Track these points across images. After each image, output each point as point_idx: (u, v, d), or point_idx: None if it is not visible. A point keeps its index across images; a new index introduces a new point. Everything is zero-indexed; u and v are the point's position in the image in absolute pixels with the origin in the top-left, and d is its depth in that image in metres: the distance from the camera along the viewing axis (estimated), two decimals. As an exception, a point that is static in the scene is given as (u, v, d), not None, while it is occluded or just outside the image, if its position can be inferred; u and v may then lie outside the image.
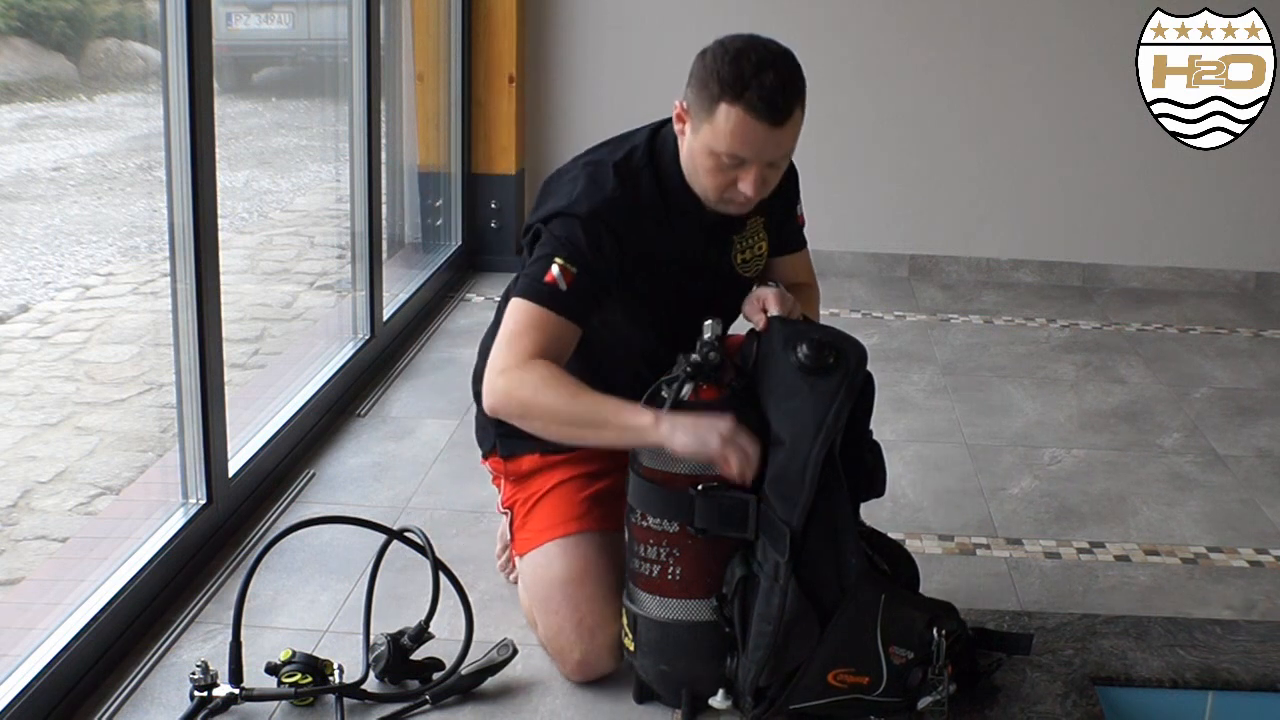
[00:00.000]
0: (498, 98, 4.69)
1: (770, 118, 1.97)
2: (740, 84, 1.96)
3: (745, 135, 1.98)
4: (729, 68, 1.98)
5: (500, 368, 2.03)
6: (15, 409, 3.54)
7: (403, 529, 2.19)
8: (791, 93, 1.99)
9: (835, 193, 4.83)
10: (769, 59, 1.99)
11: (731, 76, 1.97)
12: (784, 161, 2.08)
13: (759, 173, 2.02)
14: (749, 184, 2.02)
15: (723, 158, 2.01)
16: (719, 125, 1.98)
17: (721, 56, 2.00)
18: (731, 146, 1.99)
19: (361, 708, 2.07)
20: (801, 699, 1.98)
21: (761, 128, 1.97)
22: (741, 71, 1.97)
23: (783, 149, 2.04)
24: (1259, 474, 3.18)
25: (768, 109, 1.96)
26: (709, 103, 1.99)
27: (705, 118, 2.00)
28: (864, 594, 1.95)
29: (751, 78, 1.96)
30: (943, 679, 2.00)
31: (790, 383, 1.97)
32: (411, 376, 3.67)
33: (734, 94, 1.96)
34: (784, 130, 1.99)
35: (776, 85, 1.97)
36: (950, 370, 3.89)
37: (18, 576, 2.81)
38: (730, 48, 2.01)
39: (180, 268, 2.51)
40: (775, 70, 1.98)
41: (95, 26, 4.82)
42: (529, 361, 2.00)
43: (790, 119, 1.99)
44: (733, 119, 1.97)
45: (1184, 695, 2.24)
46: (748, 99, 1.96)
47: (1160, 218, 4.88)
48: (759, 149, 2.00)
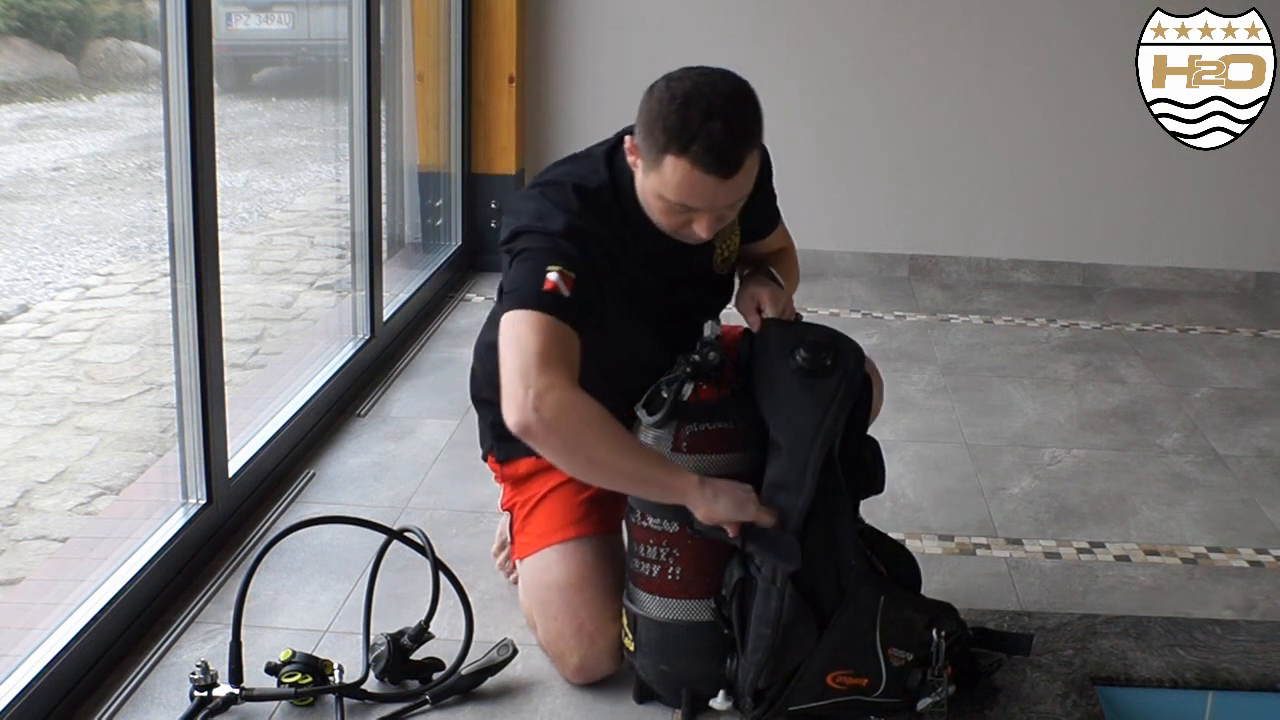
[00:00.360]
0: (498, 98, 4.69)
1: (719, 171, 1.86)
2: (686, 136, 1.84)
3: (693, 188, 1.88)
4: (675, 117, 1.85)
5: (546, 384, 1.84)
6: (15, 409, 3.54)
7: (403, 529, 2.19)
8: (741, 142, 1.87)
9: (835, 193, 4.83)
10: (717, 105, 1.85)
11: (677, 127, 1.84)
12: (740, 202, 1.97)
13: (712, 219, 1.94)
14: (703, 228, 1.94)
15: (673, 204, 1.92)
16: (666, 176, 1.89)
17: (668, 103, 1.86)
18: (680, 198, 1.90)
19: (361, 708, 2.07)
20: (800, 700, 1.98)
21: (710, 180, 1.87)
22: (688, 121, 1.84)
23: (736, 195, 1.93)
24: (1259, 474, 3.18)
25: (715, 163, 1.85)
26: (656, 151, 1.88)
27: (653, 165, 1.90)
28: (863, 596, 1.95)
29: (699, 128, 1.83)
30: (942, 680, 2.00)
31: (788, 386, 1.98)
32: (411, 376, 3.67)
33: (680, 146, 1.85)
34: (735, 180, 1.89)
35: (724, 136, 1.84)
36: (950, 370, 3.89)
37: (18, 576, 2.81)
38: (677, 92, 1.87)
39: (180, 268, 2.51)
40: (724, 119, 1.84)
41: (95, 26, 4.82)
42: (574, 386, 1.87)
43: (741, 169, 1.88)
44: (680, 172, 1.86)
45: (1184, 695, 2.24)
46: (694, 152, 1.84)
47: (1160, 218, 4.88)
48: (710, 200, 1.90)
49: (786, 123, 4.77)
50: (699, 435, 1.98)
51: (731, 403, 2.01)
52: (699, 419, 1.98)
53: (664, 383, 2.01)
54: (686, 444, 1.98)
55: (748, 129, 1.89)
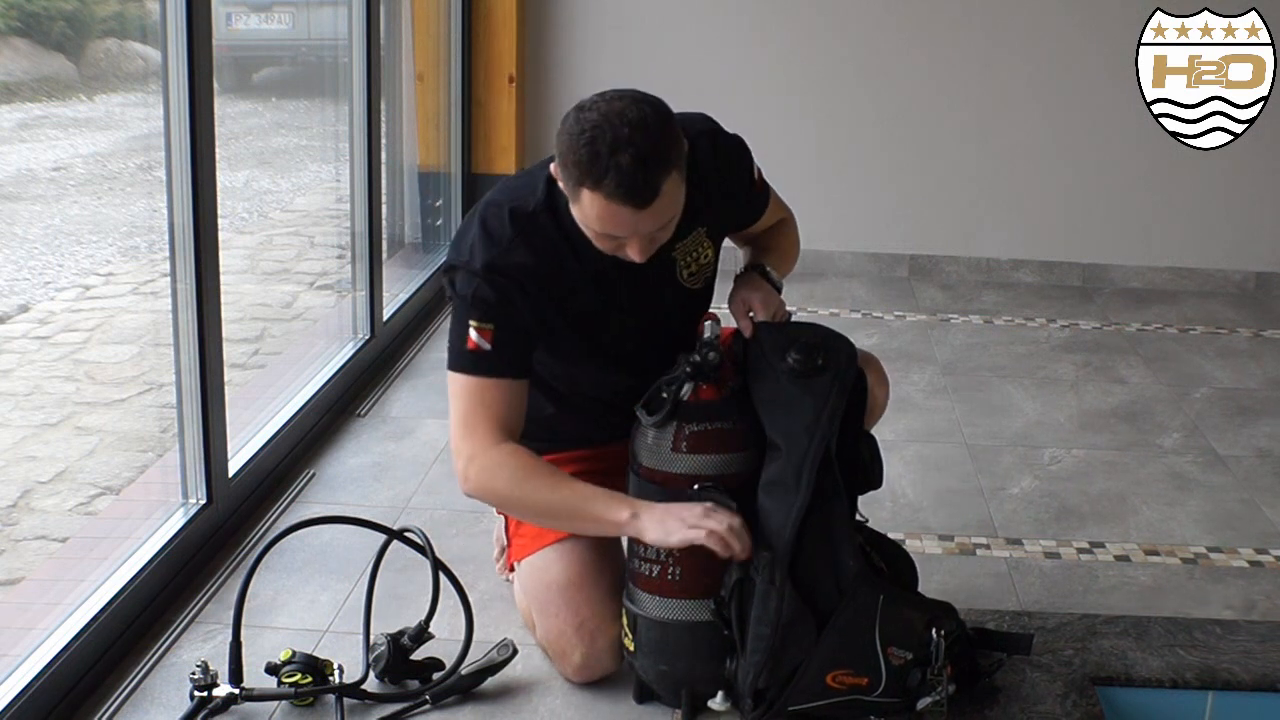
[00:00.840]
0: (498, 98, 4.69)
1: (634, 202, 1.84)
2: (597, 171, 1.82)
3: (613, 219, 1.87)
4: (584, 151, 1.83)
5: (468, 455, 2.00)
6: (15, 409, 3.54)
7: (403, 529, 2.19)
8: (654, 168, 1.83)
9: (835, 193, 4.83)
10: (625, 137, 1.82)
11: (587, 161, 1.83)
12: (671, 222, 1.94)
13: (642, 243, 1.92)
14: (635, 252, 1.93)
15: (599, 233, 1.92)
16: (585, 209, 1.88)
17: (577, 137, 1.84)
18: (603, 229, 1.89)
19: (361, 708, 2.07)
20: (800, 700, 1.98)
21: (627, 211, 1.85)
22: (596, 155, 1.82)
23: (661, 219, 1.90)
24: (1259, 474, 3.18)
25: (628, 194, 1.83)
26: (572, 184, 1.88)
27: (573, 197, 1.90)
28: (862, 595, 1.95)
29: (608, 161, 1.81)
30: (942, 679, 2.00)
31: (782, 388, 1.98)
32: (411, 376, 3.67)
33: (592, 182, 1.83)
34: (654, 207, 1.86)
35: (634, 168, 1.81)
36: (950, 370, 3.89)
37: (18, 576, 2.81)
38: (585, 125, 1.84)
39: (180, 268, 2.51)
40: (632, 149, 1.81)
41: (95, 26, 4.82)
42: (494, 447, 1.99)
43: (659, 195, 1.85)
44: (597, 205, 1.86)
45: (1184, 695, 2.24)
46: (606, 186, 1.82)
47: (1160, 218, 4.88)
48: (632, 228, 1.88)
49: (787, 123, 4.79)
50: (699, 435, 1.98)
51: (732, 403, 2.01)
52: (699, 419, 1.98)
53: (664, 383, 2.01)
54: (686, 444, 1.98)
55: (659, 155, 1.84)
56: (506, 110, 4.70)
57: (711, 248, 2.17)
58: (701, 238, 2.14)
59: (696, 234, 2.13)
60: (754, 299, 2.11)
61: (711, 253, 2.17)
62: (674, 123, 1.90)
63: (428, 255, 4.61)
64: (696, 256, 2.14)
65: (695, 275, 2.15)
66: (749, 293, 2.13)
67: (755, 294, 2.12)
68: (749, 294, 2.13)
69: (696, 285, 2.16)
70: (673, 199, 1.90)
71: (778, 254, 2.26)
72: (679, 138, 1.90)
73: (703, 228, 2.13)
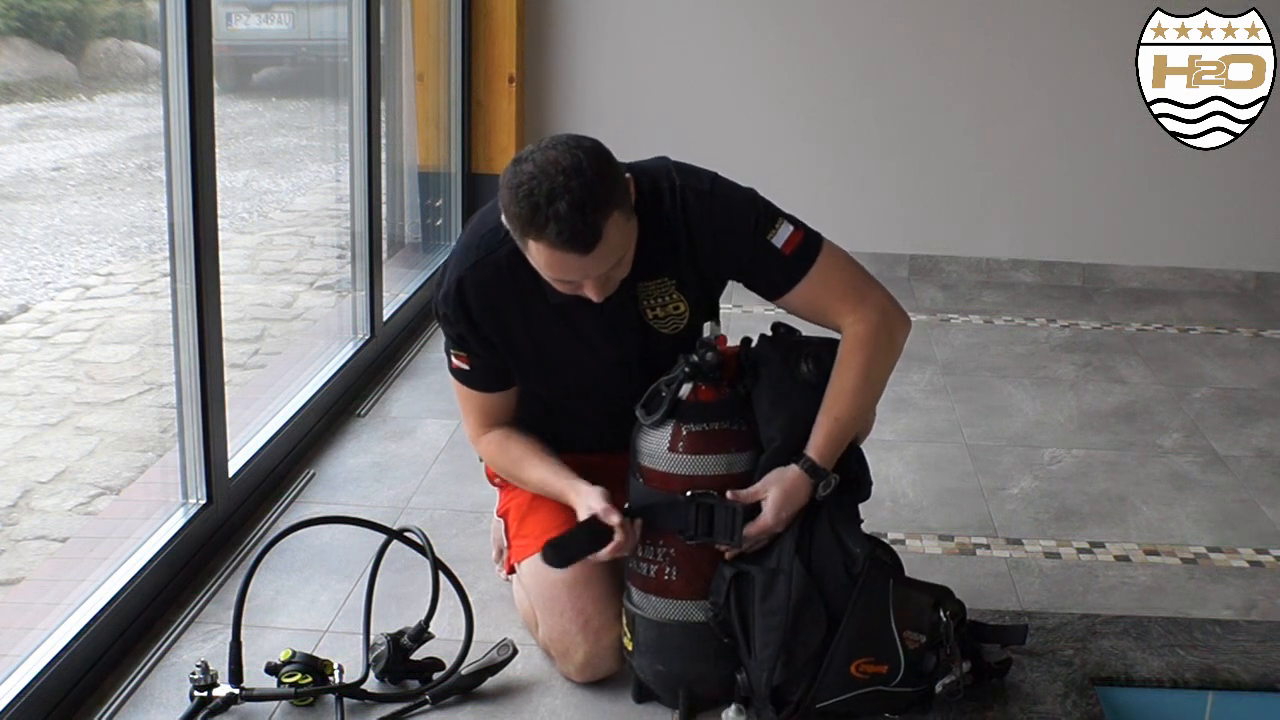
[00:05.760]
0: (498, 98, 4.69)
1: (578, 249, 1.85)
2: (538, 222, 1.84)
3: (561, 265, 1.89)
4: (523, 205, 1.85)
5: (470, 440, 2.29)
6: (15, 409, 3.54)
7: (403, 529, 2.19)
8: (593, 213, 1.84)
9: (835, 192, 4.83)
10: (561, 186, 1.83)
11: (527, 214, 1.85)
12: (626, 258, 1.94)
13: (597, 283, 1.93)
14: (592, 293, 1.94)
15: (554, 278, 1.94)
16: (535, 257, 1.91)
17: (515, 190, 1.86)
18: (555, 275, 1.92)
19: (361, 708, 2.07)
20: (827, 695, 1.98)
21: (574, 257, 1.87)
22: (536, 207, 1.84)
23: (610, 260, 1.91)
24: (1259, 474, 3.18)
25: (570, 241, 1.84)
26: (518, 235, 1.91)
27: (522, 246, 1.93)
28: (874, 580, 1.96)
29: (547, 211, 1.83)
30: (956, 656, 2.01)
31: (798, 395, 2.02)
32: (411, 376, 3.67)
33: (534, 232, 1.86)
34: (600, 250, 1.87)
35: (573, 215, 1.82)
36: (950, 370, 3.89)
37: (18, 576, 2.81)
38: (522, 177, 1.87)
39: (180, 268, 2.51)
40: (569, 197, 1.82)
41: (95, 26, 4.82)
42: (481, 437, 2.24)
43: (602, 238, 1.86)
44: (544, 254, 1.88)
45: (1184, 695, 2.24)
46: (548, 236, 1.85)
47: (1160, 218, 4.88)
48: (583, 272, 1.91)
49: (787, 122, 4.80)
50: (697, 435, 1.98)
51: (731, 403, 2.01)
52: (697, 419, 1.98)
53: (663, 382, 2.01)
54: (684, 444, 1.98)
55: (596, 198, 1.84)
56: (506, 110, 4.70)
57: (684, 301, 2.10)
58: (669, 287, 2.09)
59: (663, 281, 2.08)
60: (771, 497, 1.97)
61: (685, 306, 2.10)
62: (611, 164, 1.91)
63: (428, 255, 4.61)
64: (663, 302, 2.10)
65: (663, 320, 2.11)
66: (775, 490, 1.98)
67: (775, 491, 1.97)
68: (773, 490, 1.98)
69: (671, 330, 2.11)
70: (620, 238, 1.90)
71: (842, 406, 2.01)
72: (618, 178, 1.90)
73: (671, 279, 2.08)
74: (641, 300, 2.09)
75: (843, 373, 2.03)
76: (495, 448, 2.23)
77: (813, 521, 1.98)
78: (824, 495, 1.98)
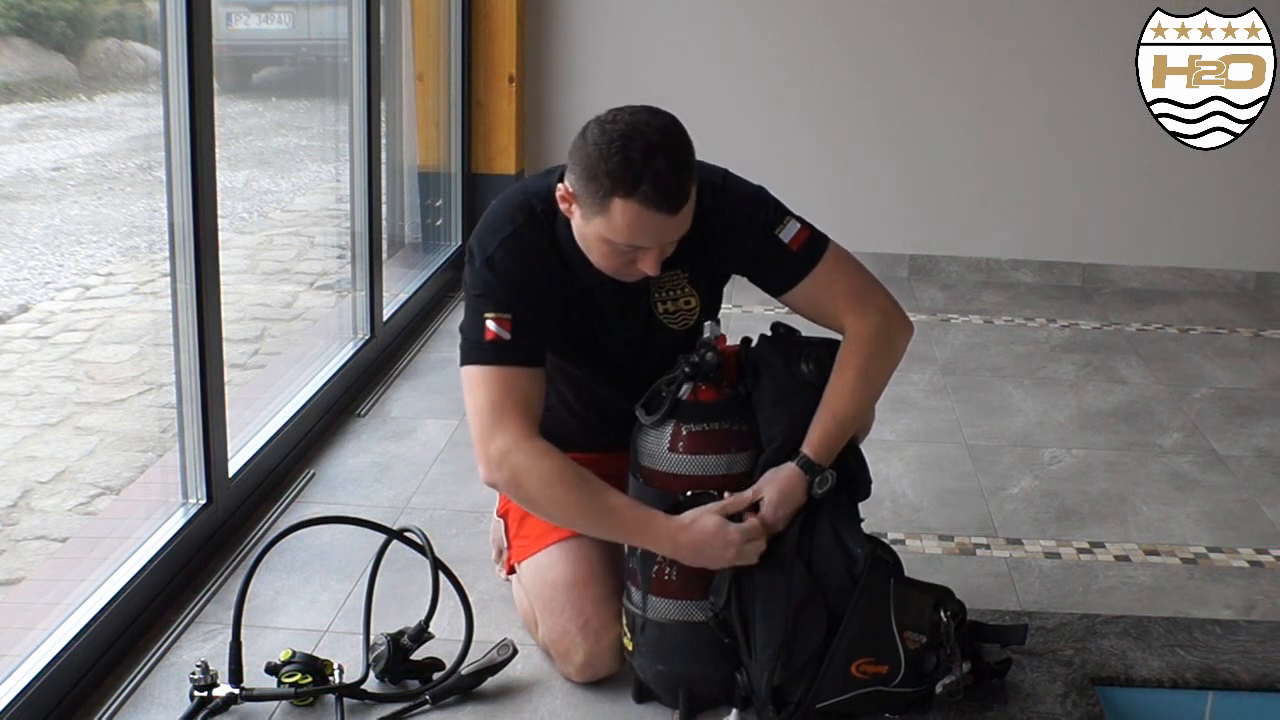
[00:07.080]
0: (498, 98, 4.69)
1: (668, 207, 1.86)
2: (632, 178, 1.83)
3: (643, 227, 1.88)
4: (616, 159, 1.84)
5: (504, 446, 1.95)
6: (15, 409, 3.54)
7: (403, 529, 2.19)
8: (685, 174, 1.87)
9: (835, 192, 4.83)
10: (656, 143, 1.85)
11: (621, 169, 1.84)
12: (681, 234, 1.95)
13: (658, 254, 1.94)
14: (650, 265, 1.93)
15: (620, 246, 1.92)
16: (614, 220, 1.88)
17: (606, 147, 1.85)
18: (630, 239, 1.89)
19: (361, 708, 2.07)
20: (827, 695, 1.97)
21: (660, 218, 1.87)
22: (631, 163, 1.83)
23: (683, 228, 1.92)
24: (1259, 474, 3.18)
25: (665, 199, 1.84)
26: (600, 196, 1.87)
27: (597, 210, 1.89)
28: (874, 580, 1.96)
29: (643, 168, 1.83)
30: (956, 656, 2.00)
31: (798, 395, 2.02)
32: (411, 376, 3.67)
33: (626, 189, 1.84)
34: (683, 212, 1.89)
35: (670, 172, 1.84)
36: (950, 370, 3.89)
37: (18, 576, 2.81)
38: (613, 134, 1.85)
39: (180, 268, 2.51)
40: (665, 154, 1.84)
41: (95, 26, 4.82)
42: (529, 439, 1.95)
43: (688, 200, 1.88)
44: (629, 214, 1.86)
45: (1184, 695, 2.24)
46: (642, 193, 1.84)
47: (1160, 218, 4.88)
48: (658, 237, 1.90)
49: (787, 122, 4.80)
50: (697, 436, 1.98)
51: (731, 404, 2.01)
52: (697, 419, 1.98)
53: (663, 382, 2.01)
54: (684, 444, 1.98)
55: (687, 162, 1.89)
56: (506, 110, 4.71)
57: (695, 295, 2.13)
58: (681, 280, 2.11)
59: (675, 274, 2.10)
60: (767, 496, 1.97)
61: (695, 300, 2.13)
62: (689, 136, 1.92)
63: (428, 255, 4.61)
64: (674, 295, 2.12)
65: (675, 316, 2.13)
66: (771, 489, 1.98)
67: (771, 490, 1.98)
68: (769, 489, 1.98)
69: (679, 326, 2.13)
70: (692, 208, 1.92)
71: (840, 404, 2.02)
72: (694, 150, 1.92)
73: (684, 271, 2.11)
74: (653, 292, 2.11)
75: (842, 372, 2.04)
76: (555, 464, 1.95)
77: (813, 521, 1.98)
78: (821, 492, 1.98)
